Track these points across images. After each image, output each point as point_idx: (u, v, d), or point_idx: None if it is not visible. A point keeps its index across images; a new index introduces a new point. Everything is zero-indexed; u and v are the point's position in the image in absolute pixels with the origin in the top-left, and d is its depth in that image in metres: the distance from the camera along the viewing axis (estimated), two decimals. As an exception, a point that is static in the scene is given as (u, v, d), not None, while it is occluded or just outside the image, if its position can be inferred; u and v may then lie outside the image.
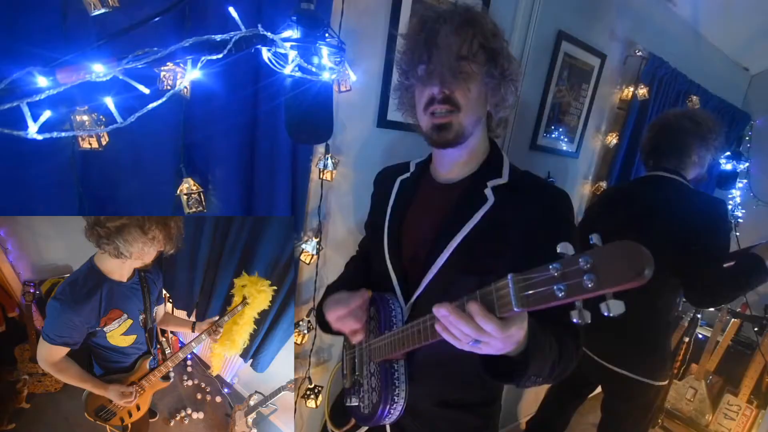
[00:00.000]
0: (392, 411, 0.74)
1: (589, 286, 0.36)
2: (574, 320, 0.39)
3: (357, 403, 0.81)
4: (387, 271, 0.80)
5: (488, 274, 0.70)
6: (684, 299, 1.38)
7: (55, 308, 0.84)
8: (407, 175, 0.88)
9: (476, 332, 0.49)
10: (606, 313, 0.37)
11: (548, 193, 0.75)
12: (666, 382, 1.45)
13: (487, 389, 0.82)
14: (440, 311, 0.52)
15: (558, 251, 0.40)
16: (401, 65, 0.76)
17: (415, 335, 0.64)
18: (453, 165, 0.80)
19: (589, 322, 0.39)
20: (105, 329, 0.88)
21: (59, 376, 0.87)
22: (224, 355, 1.00)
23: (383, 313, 0.77)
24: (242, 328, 0.97)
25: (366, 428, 0.85)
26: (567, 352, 0.65)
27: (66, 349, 0.86)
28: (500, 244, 0.71)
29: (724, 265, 1.23)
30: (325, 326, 0.82)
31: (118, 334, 0.89)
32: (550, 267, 0.40)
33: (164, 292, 0.99)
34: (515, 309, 0.44)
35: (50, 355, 0.86)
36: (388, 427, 0.82)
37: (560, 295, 0.38)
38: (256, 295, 0.95)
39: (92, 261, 0.87)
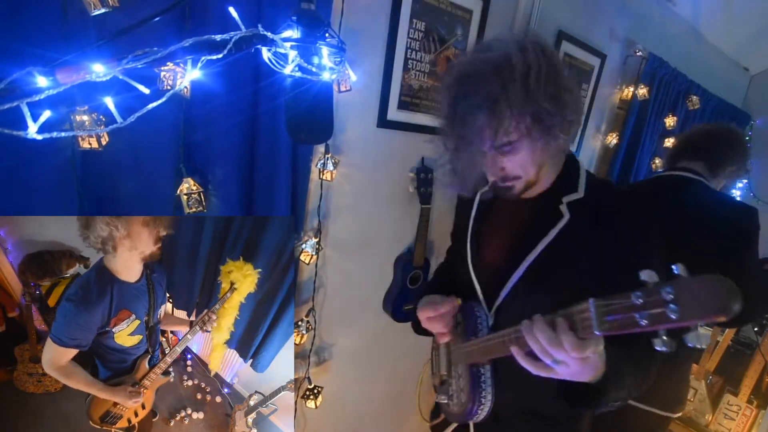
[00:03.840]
0: (479, 411, 0.79)
1: (673, 317, 0.38)
2: (657, 348, 0.42)
3: (446, 401, 0.87)
4: (471, 281, 0.84)
5: (563, 291, 0.71)
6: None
7: (69, 310, 0.84)
8: (486, 188, 0.85)
9: (555, 346, 0.51)
10: (690, 344, 0.39)
11: (627, 212, 0.72)
12: (681, 414, 1.37)
13: None
14: (527, 326, 0.56)
15: (641, 278, 0.42)
16: (446, 143, 0.73)
17: (498, 346, 0.68)
18: None
19: (674, 350, 0.41)
20: (114, 329, 0.88)
21: (66, 380, 0.87)
22: (224, 346, 1.00)
23: (470, 320, 0.82)
24: (228, 312, 0.98)
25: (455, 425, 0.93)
26: (643, 373, 0.67)
27: (74, 352, 0.86)
28: (575, 262, 0.71)
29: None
30: (418, 326, 0.88)
31: (125, 334, 0.90)
32: (632, 295, 0.41)
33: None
34: (596, 332, 0.47)
35: (58, 358, 0.85)
36: (471, 426, 0.87)
37: (643, 323, 0.40)
38: (242, 279, 0.96)
39: (101, 262, 0.87)
